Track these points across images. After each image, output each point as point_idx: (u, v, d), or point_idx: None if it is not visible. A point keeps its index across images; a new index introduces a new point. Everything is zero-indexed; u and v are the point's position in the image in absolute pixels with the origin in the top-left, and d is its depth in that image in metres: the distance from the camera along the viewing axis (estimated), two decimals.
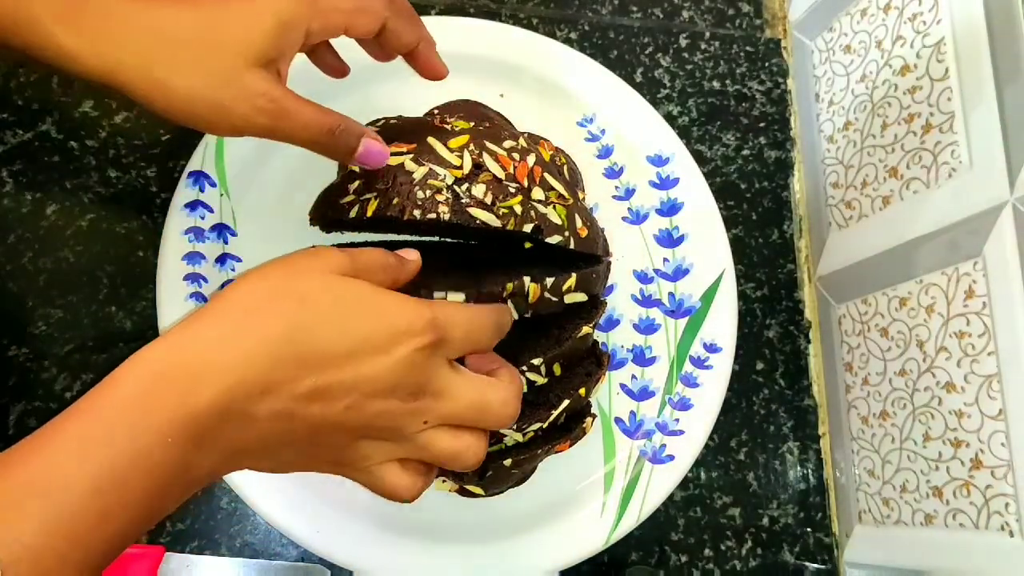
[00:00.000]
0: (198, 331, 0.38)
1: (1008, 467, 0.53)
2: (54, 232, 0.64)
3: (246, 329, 0.38)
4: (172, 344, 0.38)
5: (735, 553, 0.66)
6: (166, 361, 0.37)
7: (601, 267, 0.59)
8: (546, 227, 0.55)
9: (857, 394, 0.67)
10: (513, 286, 0.49)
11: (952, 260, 0.58)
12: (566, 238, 0.55)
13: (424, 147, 0.55)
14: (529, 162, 0.56)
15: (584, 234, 0.57)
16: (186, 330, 0.38)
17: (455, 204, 0.53)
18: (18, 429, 0.60)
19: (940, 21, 0.61)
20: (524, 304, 0.52)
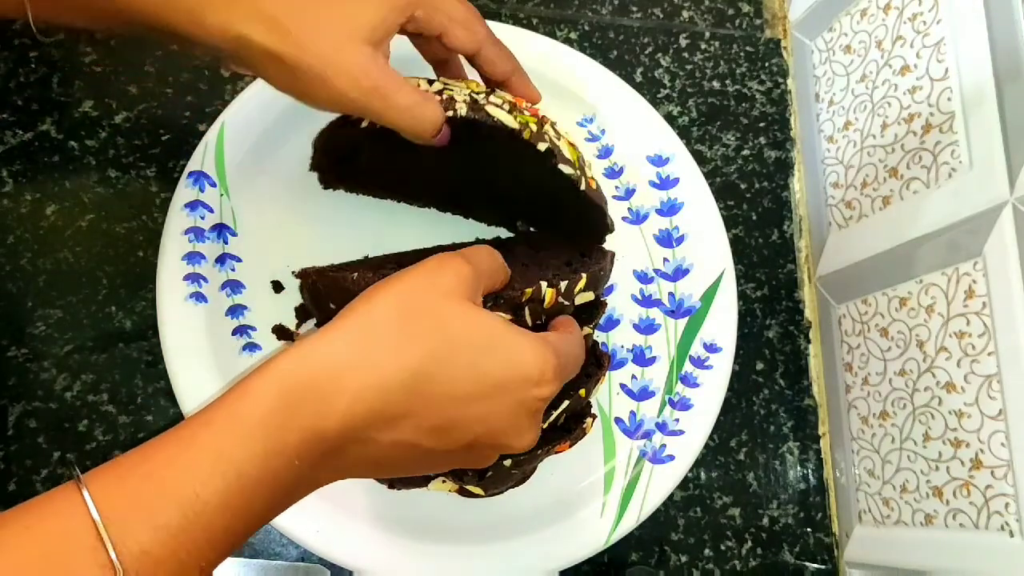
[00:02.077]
0: (334, 347, 0.39)
1: (1008, 467, 0.53)
2: (54, 232, 0.64)
3: (382, 354, 0.39)
4: (306, 358, 0.38)
5: (735, 553, 0.66)
6: (299, 377, 0.38)
7: (607, 262, 0.59)
8: (558, 154, 0.55)
9: (857, 394, 0.67)
10: (531, 291, 0.50)
11: (952, 260, 0.58)
12: (577, 174, 0.55)
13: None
14: (539, 111, 0.57)
15: (594, 185, 0.57)
16: (321, 342, 0.39)
17: (473, 105, 0.52)
18: (17, 429, 0.60)
19: (940, 21, 0.61)
20: (540, 309, 0.52)
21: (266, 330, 0.61)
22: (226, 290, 0.61)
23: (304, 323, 0.61)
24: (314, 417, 0.37)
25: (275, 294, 0.62)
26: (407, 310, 0.41)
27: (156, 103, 0.68)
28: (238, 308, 0.61)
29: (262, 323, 0.61)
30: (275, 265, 0.63)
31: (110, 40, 0.69)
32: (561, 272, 0.55)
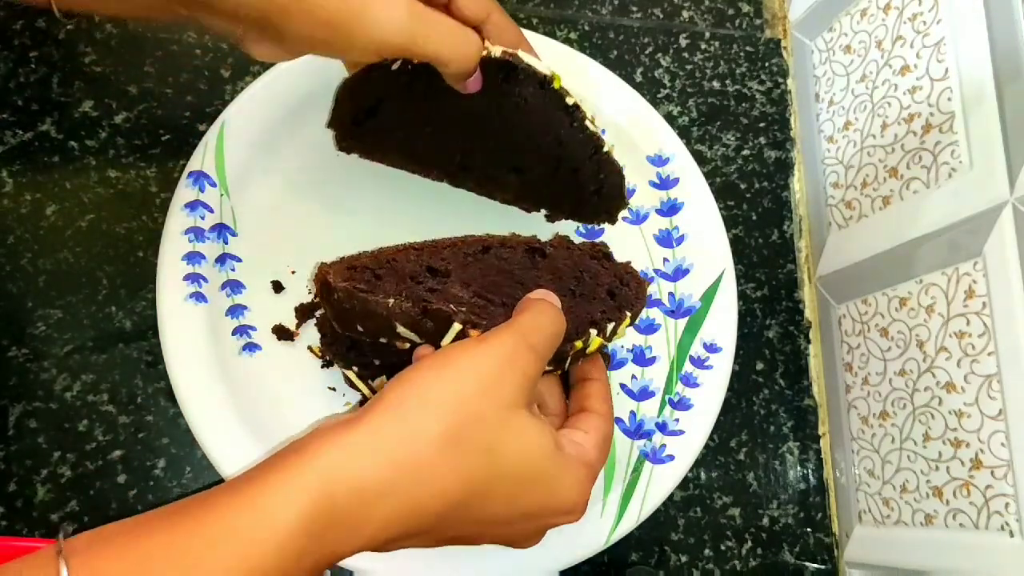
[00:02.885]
0: (368, 464, 0.37)
1: (1008, 467, 0.53)
2: (54, 232, 0.64)
3: (420, 481, 0.37)
4: (336, 478, 0.36)
5: (735, 553, 0.66)
6: (327, 504, 0.35)
7: (644, 293, 0.57)
8: (581, 111, 0.55)
9: (857, 394, 0.67)
10: (581, 343, 0.50)
11: (952, 260, 0.58)
12: (599, 138, 0.56)
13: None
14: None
15: (613, 153, 0.57)
16: (355, 456, 0.37)
17: (505, 51, 0.52)
18: (17, 430, 0.60)
19: (940, 21, 0.61)
20: (581, 354, 0.52)
21: (266, 330, 0.61)
22: (226, 290, 0.61)
23: (304, 323, 0.61)
24: (335, 544, 0.36)
25: (275, 294, 0.62)
26: (456, 427, 0.38)
27: (156, 103, 0.68)
28: (238, 308, 0.61)
29: (262, 323, 0.61)
30: (275, 265, 0.63)
31: (110, 40, 0.69)
32: (607, 308, 0.53)
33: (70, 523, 0.59)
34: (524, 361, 0.42)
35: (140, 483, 0.61)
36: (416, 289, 0.49)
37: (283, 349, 0.61)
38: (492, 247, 0.55)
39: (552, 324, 0.46)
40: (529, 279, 0.54)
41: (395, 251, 0.53)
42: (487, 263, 0.54)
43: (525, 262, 0.55)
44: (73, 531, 0.54)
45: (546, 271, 0.55)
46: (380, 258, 0.52)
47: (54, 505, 0.59)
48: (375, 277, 0.51)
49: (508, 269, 0.54)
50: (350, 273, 0.50)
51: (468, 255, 0.54)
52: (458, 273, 0.52)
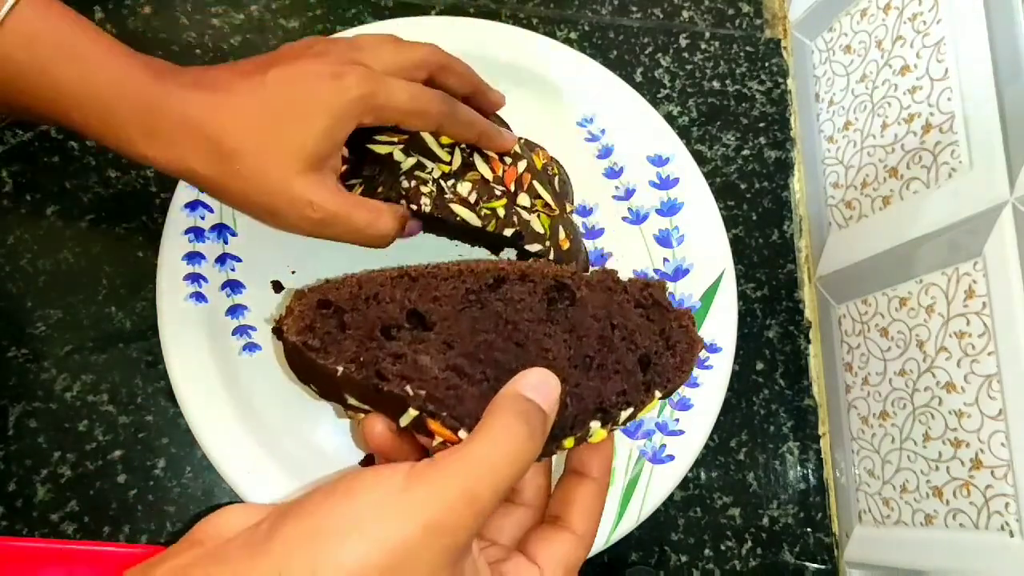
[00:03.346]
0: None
1: (1008, 467, 0.53)
2: (53, 233, 0.64)
3: None
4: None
5: (735, 553, 0.66)
6: None
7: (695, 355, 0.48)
8: (527, 233, 0.55)
9: (857, 394, 0.67)
10: (572, 441, 0.43)
11: (952, 260, 0.58)
12: (546, 248, 0.55)
13: (416, 140, 0.55)
14: (519, 168, 0.57)
15: (566, 246, 0.57)
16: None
17: (438, 198, 0.53)
18: (17, 429, 0.60)
19: (940, 21, 0.61)
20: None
21: (266, 330, 0.61)
22: (226, 290, 0.61)
23: None
24: None
25: (275, 294, 0.62)
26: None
27: None
28: (238, 308, 0.61)
29: (262, 323, 0.61)
30: (275, 265, 0.63)
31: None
32: (629, 387, 0.44)
33: (70, 523, 0.59)
34: (455, 529, 0.33)
35: (140, 483, 0.60)
36: (376, 354, 0.42)
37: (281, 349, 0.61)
38: (507, 279, 0.46)
39: (519, 459, 0.36)
40: (536, 340, 0.44)
41: (385, 279, 0.45)
42: (489, 308, 0.45)
43: (541, 309, 0.46)
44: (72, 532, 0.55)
45: (565, 325, 0.45)
46: (360, 292, 0.45)
47: (54, 505, 0.59)
48: (340, 327, 0.43)
49: (514, 320, 0.45)
50: (312, 318, 0.43)
51: (470, 293, 0.45)
52: (445, 324, 0.44)
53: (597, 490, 0.43)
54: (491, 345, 0.44)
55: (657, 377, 0.45)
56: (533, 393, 0.38)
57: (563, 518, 0.42)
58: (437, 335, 0.43)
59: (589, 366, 0.44)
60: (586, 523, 0.42)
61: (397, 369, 0.41)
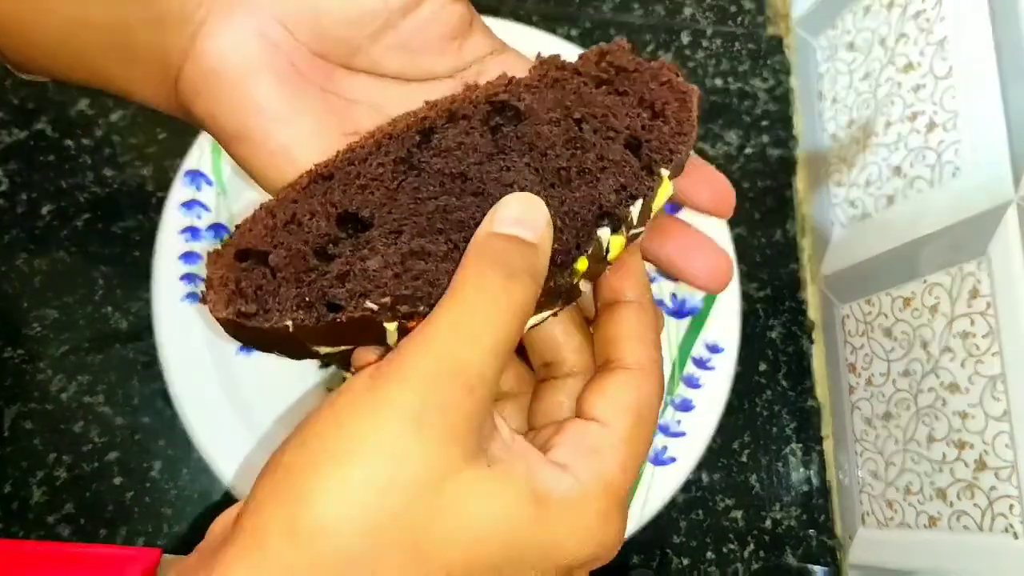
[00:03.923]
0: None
1: (1012, 469, 0.52)
2: (49, 232, 0.64)
3: None
4: None
5: (737, 556, 0.66)
6: None
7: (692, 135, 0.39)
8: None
9: (860, 395, 0.67)
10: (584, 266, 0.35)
11: (956, 260, 0.57)
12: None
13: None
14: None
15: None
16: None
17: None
18: (13, 431, 0.60)
19: (944, 19, 0.61)
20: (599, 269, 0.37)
21: None
22: None
23: None
24: None
25: None
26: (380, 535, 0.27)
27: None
28: None
29: None
30: None
31: None
32: (626, 175, 0.37)
33: (66, 526, 0.59)
34: (446, 409, 0.29)
35: (136, 485, 0.60)
36: (320, 285, 0.34)
37: None
38: (435, 128, 0.38)
39: (505, 308, 0.30)
40: (494, 179, 0.37)
41: (296, 193, 0.37)
42: (427, 169, 0.37)
43: (487, 144, 0.38)
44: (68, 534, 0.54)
45: (520, 148, 0.37)
46: (274, 222, 0.37)
47: (50, 507, 0.59)
48: (269, 273, 0.35)
49: (460, 170, 0.37)
50: (236, 279, 0.35)
51: (398, 163, 0.37)
52: (384, 211, 0.36)
53: (640, 311, 0.37)
54: (445, 209, 0.36)
55: (655, 154, 0.37)
56: (510, 227, 0.32)
57: (612, 360, 0.36)
58: (380, 228, 0.36)
59: (568, 178, 0.37)
60: (640, 351, 0.35)
61: (348, 289, 0.34)
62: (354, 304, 0.33)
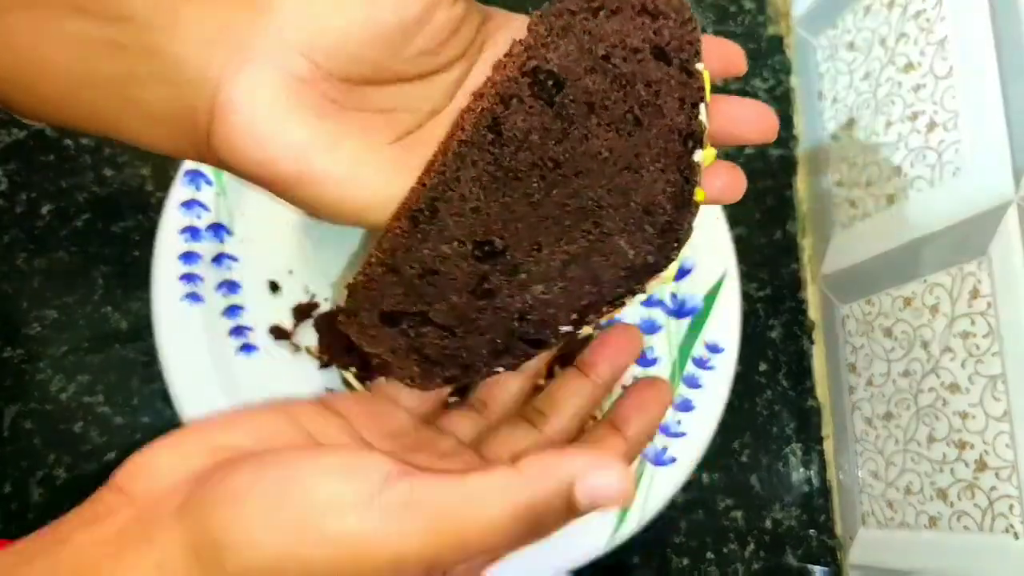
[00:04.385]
0: None
1: (1013, 469, 0.52)
2: (49, 232, 0.64)
3: None
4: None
5: (738, 556, 0.66)
6: None
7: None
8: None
9: (861, 395, 0.67)
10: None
11: (957, 260, 0.57)
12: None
13: None
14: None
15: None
16: None
17: None
18: (12, 431, 0.60)
19: (944, 19, 0.60)
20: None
21: (263, 330, 0.61)
22: (222, 290, 0.61)
23: (301, 323, 0.61)
24: None
25: (272, 294, 0.62)
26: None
27: None
28: (234, 308, 0.61)
29: (259, 323, 0.61)
30: (272, 265, 0.62)
31: None
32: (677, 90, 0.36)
33: None
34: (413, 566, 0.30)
35: None
36: (503, 324, 0.35)
37: (280, 349, 0.61)
38: (498, 118, 0.36)
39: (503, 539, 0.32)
40: (581, 153, 0.36)
41: (401, 232, 0.35)
42: (522, 171, 0.36)
43: (553, 121, 0.36)
44: None
45: (581, 112, 0.36)
46: (403, 267, 0.35)
47: (49, 508, 0.59)
48: (444, 333, 0.36)
49: (547, 158, 0.36)
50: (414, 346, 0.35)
51: (492, 173, 0.35)
52: (513, 233, 0.35)
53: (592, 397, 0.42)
54: (561, 203, 0.36)
55: (681, 53, 0.37)
56: (588, 498, 0.30)
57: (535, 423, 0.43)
58: (517, 248, 0.35)
59: (638, 119, 0.36)
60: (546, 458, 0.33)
61: (534, 322, 0.35)
62: (550, 333, 0.36)
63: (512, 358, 0.36)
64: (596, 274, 0.35)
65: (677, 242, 0.37)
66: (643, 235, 0.36)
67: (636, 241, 0.36)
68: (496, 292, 0.35)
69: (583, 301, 0.35)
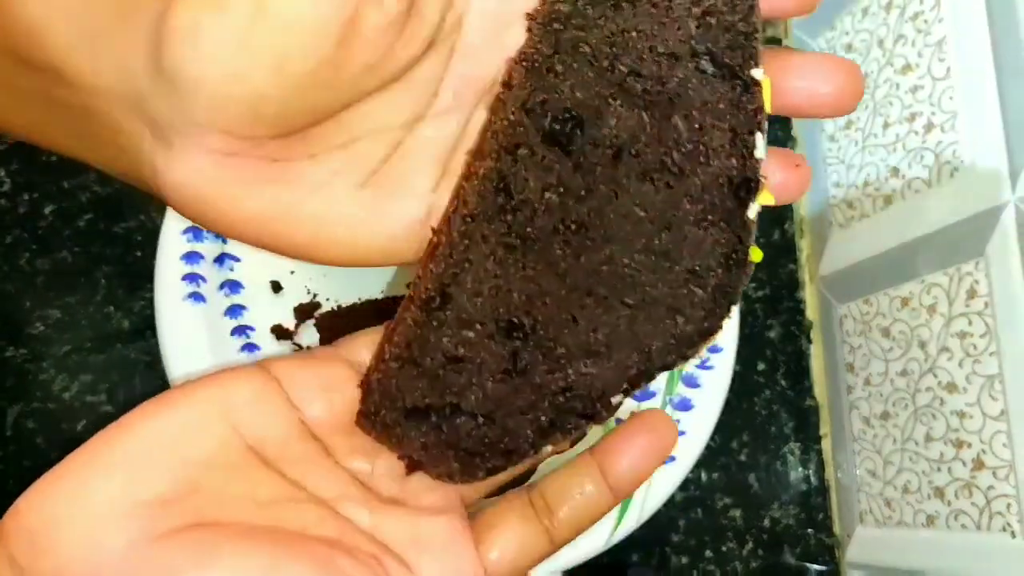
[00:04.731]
0: None
1: (1010, 468, 0.52)
2: (52, 232, 0.64)
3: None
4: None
5: (736, 554, 0.66)
6: None
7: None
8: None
9: (859, 395, 0.67)
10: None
11: (954, 260, 0.57)
12: None
13: None
14: None
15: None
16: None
17: None
18: (16, 431, 0.60)
19: (942, 20, 0.61)
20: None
21: (265, 330, 0.61)
22: (224, 290, 0.61)
23: (303, 323, 0.61)
24: None
25: (274, 294, 0.62)
26: None
27: None
28: (237, 308, 0.61)
29: (261, 323, 0.61)
30: (274, 265, 0.62)
31: None
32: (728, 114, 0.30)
33: None
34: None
35: None
36: (544, 403, 0.32)
37: (282, 349, 0.61)
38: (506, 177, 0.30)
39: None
40: (610, 212, 0.31)
41: (417, 321, 0.31)
42: (542, 240, 0.31)
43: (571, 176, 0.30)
44: None
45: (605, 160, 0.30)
46: (423, 359, 0.32)
47: None
48: (481, 422, 0.32)
49: (571, 222, 0.31)
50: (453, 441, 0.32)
51: (509, 246, 0.31)
52: (542, 308, 0.31)
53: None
54: (593, 272, 0.31)
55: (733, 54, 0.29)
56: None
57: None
58: (550, 323, 0.31)
59: (679, 164, 0.30)
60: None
61: (580, 396, 0.32)
62: (600, 407, 0.32)
63: (562, 434, 0.32)
64: (643, 343, 0.31)
65: (731, 304, 0.32)
66: (691, 300, 0.31)
67: (684, 307, 0.31)
68: (532, 369, 0.31)
69: (632, 372, 0.31)
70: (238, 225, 0.31)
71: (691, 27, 0.29)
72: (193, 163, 0.29)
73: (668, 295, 0.31)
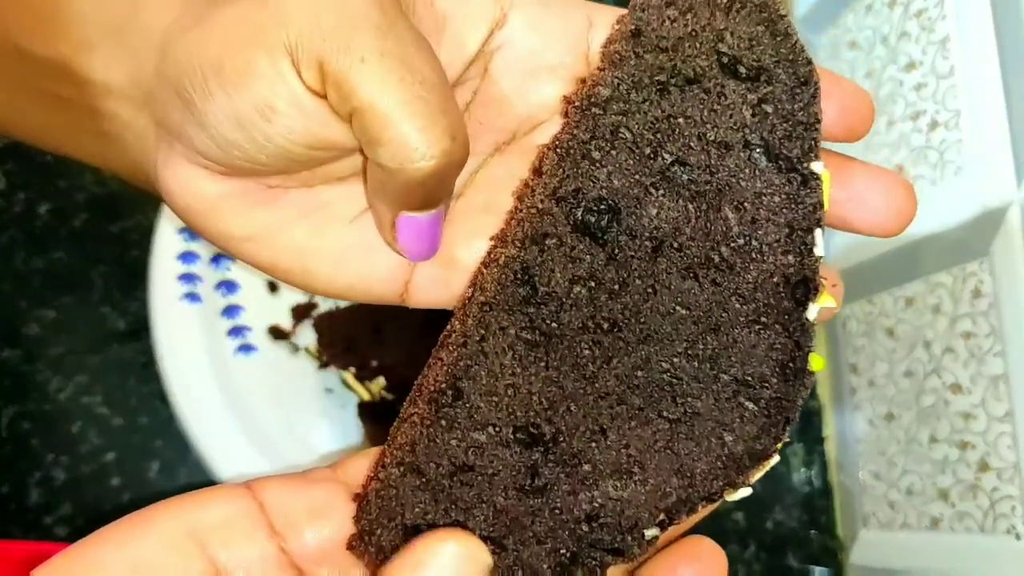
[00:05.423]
0: None
1: (1015, 470, 0.52)
2: (47, 232, 0.64)
3: None
4: None
5: (739, 558, 0.65)
6: None
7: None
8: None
9: (862, 396, 0.66)
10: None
11: (959, 259, 0.57)
12: None
13: None
14: None
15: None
16: None
17: None
18: (11, 431, 0.60)
19: (946, 17, 0.60)
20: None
21: (262, 331, 0.61)
22: (221, 290, 0.61)
23: (300, 323, 0.61)
24: None
25: (270, 294, 0.61)
26: None
27: None
28: (233, 308, 0.61)
29: (257, 324, 0.61)
30: None
31: None
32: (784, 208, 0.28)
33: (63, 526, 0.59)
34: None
35: (134, 486, 0.60)
36: (567, 530, 0.28)
37: (279, 350, 0.61)
38: (529, 268, 0.28)
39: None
40: (647, 309, 0.28)
41: (423, 424, 0.28)
42: (567, 337, 0.28)
43: (604, 269, 0.28)
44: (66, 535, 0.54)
45: (643, 253, 0.28)
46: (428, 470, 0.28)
47: (47, 508, 0.59)
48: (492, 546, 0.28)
49: (601, 319, 0.28)
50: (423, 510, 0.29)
51: (530, 342, 0.28)
52: (563, 415, 0.28)
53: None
54: (626, 377, 0.28)
55: (790, 144, 0.28)
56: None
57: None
58: (574, 433, 0.28)
59: (728, 261, 0.28)
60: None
61: (607, 524, 0.28)
62: (633, 540, 0.28)
63: (585, 571, 0.28)
64: (684, 465, 0.28)
65: (788, 420, 0.28)
66: (742, 414, 0.28)
67: (733, 422, 0.28)
68: (552, 488, 0.28)
69: (670, 499, 0.28)
70: (222, 239, 0.31)
71: (745, 115, 0.28)
72: (190, 169, 0.30)
73: (714, 408, 0.28)
